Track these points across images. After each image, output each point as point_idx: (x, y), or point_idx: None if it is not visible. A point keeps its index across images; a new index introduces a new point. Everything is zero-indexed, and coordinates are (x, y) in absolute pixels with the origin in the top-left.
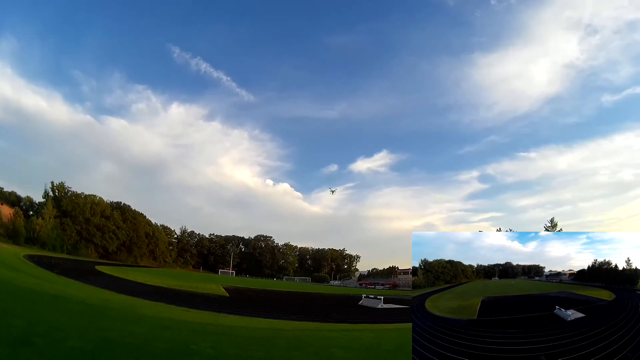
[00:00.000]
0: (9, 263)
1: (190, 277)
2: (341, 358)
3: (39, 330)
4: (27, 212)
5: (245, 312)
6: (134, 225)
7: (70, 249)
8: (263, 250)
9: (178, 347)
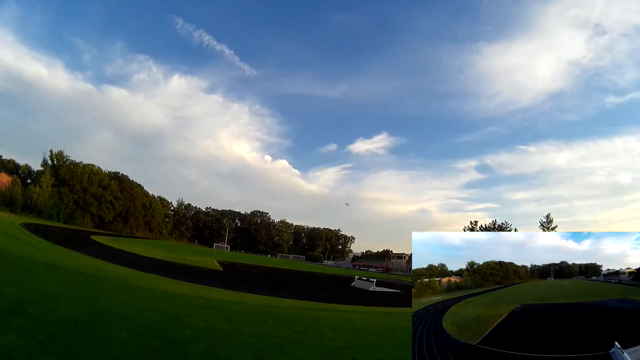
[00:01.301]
0: (5, 231)
1: (185, 250)
2: (330, 338)
3: (33, 299)
4: (25, 181)
5: (237, 287)
6: (131, 196)
7: (66, 218)
8: (258, 226)
9: (169, 319)
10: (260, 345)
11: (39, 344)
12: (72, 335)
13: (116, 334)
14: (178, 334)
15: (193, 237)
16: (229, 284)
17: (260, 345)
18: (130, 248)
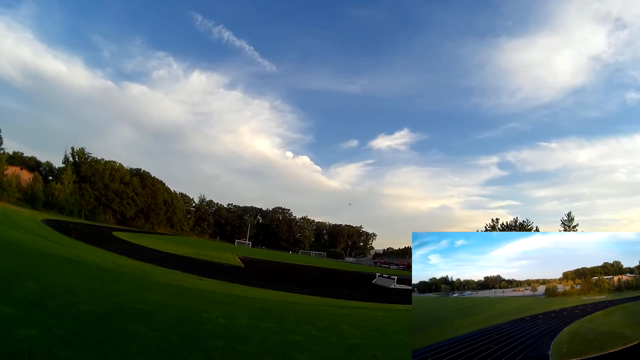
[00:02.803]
0: (26, 227)
1: (207, 246)
2: (350, 335)
3: (52, 293)
4: (46, 177)
5: (258, 283)
6: (152, 192)
7: (88, 214)
8: (280, 223)
9: (190, 315)
10: (280, 341)
11: (59, 338)
12: (92, 329)
13: (135, 328)
14: (198, 330)
15: (215, 233)
16: (250, 280)
17: (280, 342)
18: (151, 244)
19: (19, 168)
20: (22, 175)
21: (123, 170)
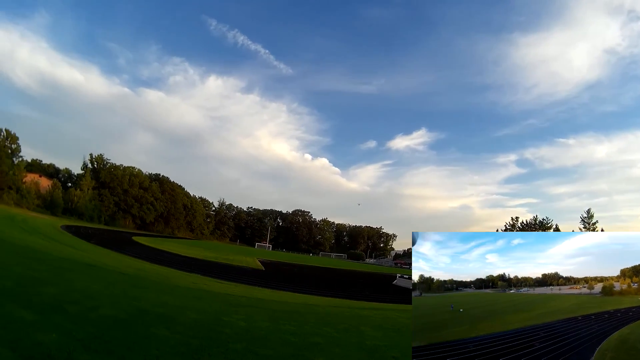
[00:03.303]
0: (45, 233)
1: (227, 249)
2: (371, 337)
3: (72, 298)
4: (65, 184)
5: (279, 285)
6: (172, 197)
7: (107, 220)
8: (300, 225)
9: (210, 319)
10: (300, 343)
11: (79, 342)
12: (112, 333)
13: (156, 332)
14: (218, 333)
15: (235, 237)
16: (270, 283)
17: (300, 344)
18: (171, 248)
19: (38, 175)
20: (41, 182)
21: (142, 175)
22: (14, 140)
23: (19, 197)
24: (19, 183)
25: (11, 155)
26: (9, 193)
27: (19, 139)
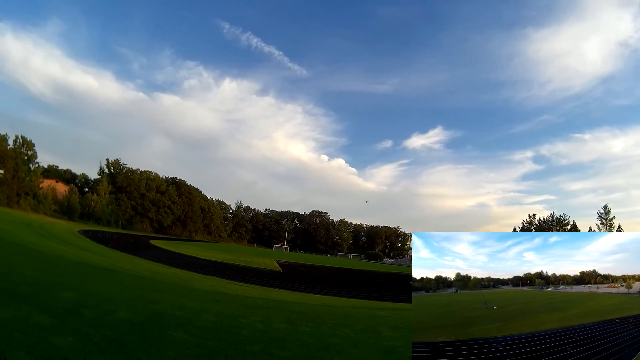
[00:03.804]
0: (63, 237)
1: (244, 251)
2: (388, 337)
3: (89, 302)
4: (82, 189)
5: (297, 287)
6: (189, 200)
7: (125, 224)
8: (318, 226)
9: (227, 321)
10: (318, 344)
11: (95, 345)
12: (128, 336)
13: (172, 335)
14: (235, 335)
15: (252, 239)
16: (288, 285)
17: (317, 345)
18: (188, 251)
19: (55, 181)
20: (58, 187)
21: (159, 179)
22: (30, 147)
23: (36, 203)
24: (35, 189)
25: (27, 161)
26: (26, 199)
27: (35, 145)
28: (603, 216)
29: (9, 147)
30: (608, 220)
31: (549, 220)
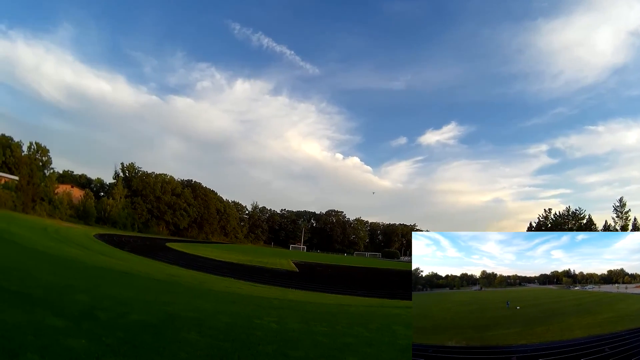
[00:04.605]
0: (79, 242)
1: (261, 252)
2: (403, 336)
3: (103, 305)
4: (97, 193)
5: (313, 287)
6: (204, 202)
7: (141, 227)
8: (334, 225)
9: (241, 321)
10: (332, 344)
11: (107, 347)
12: (141, 338)
13: (186, 336)
14: (249, 336)
15: (269, 239)
16: (304, 285)
17: (331, 345)
18: (205, 253)
19: (70, 186)
20: (74, 192)
21: (174, 182)
22: (44, 152)
23: (52, 208)
24: (51, 194)
25: (42, 167)
26: (42, 204)
27: (49, 151)
28: (618, 209)
29: (24, 153)
30: (624, 214)
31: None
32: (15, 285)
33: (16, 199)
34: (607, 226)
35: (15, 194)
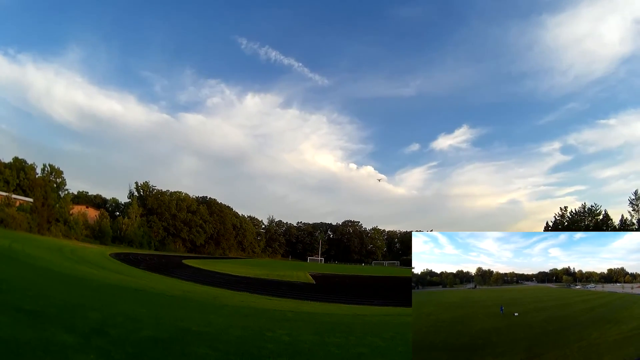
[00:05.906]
0: (94, 261)
1: (278, 265)
2: None
3: (115, 322)
4: (113, 213)
5: (328, 298)
6: (220, 218)
7: (157, 245)
8: (351, 236)
9: (253, 335)
10: (344, 355)
11: None
12: (151, 353)
13: (196, 351)
14: (260, 349)
15: (287, 252)
16: (320, 296)
17: (343, 355)
18: (222, 269)
19: (85, 206)
20: (89, 212)
21: (189, 199)
22: (58, 174)
23: (67, 229)
24: (66, 215)
25: (57, 189)
26: (57, 225)
27: (63, 173)
28: (634, 202)
29: (38, 175)
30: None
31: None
32: (29, 304)
33: (31, 221)
34: (624, 220)
35: (31, 215)
